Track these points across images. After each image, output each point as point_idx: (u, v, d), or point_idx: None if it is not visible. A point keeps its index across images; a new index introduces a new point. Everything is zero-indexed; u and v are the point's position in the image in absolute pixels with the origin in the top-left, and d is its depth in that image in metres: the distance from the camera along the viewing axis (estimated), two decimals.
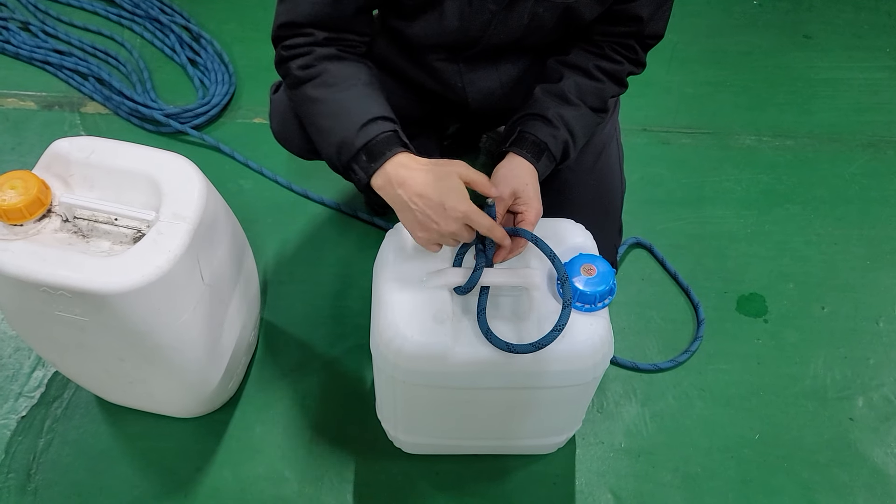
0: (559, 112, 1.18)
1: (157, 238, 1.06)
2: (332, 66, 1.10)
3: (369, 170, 1.04)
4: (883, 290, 1.65)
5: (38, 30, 2.01)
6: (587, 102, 1.21)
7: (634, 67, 1.26)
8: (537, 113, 1.19)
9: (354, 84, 1.10)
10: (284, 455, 1.38)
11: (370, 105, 1.07)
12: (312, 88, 1.10)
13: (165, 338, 1.12)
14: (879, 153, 1.89)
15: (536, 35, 1.19)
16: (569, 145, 1.20)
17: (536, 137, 1.16)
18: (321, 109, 1.09)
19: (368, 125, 1.04)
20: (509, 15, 1.13)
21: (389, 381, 1.14)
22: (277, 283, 1.60)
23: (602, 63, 1.22)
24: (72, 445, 1.37)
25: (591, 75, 1.22)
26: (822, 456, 1.42)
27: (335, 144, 1.06)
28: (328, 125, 1.08)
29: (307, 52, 1.11)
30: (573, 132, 1.20)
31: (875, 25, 2.19)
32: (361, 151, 1.04)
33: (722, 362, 1.52)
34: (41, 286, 1.02)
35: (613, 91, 1.25)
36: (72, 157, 1.13)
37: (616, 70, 1.23)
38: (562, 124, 1.18)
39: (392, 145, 1.03)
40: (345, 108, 1.07)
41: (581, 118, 1.20)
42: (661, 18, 1.21)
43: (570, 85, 1.20)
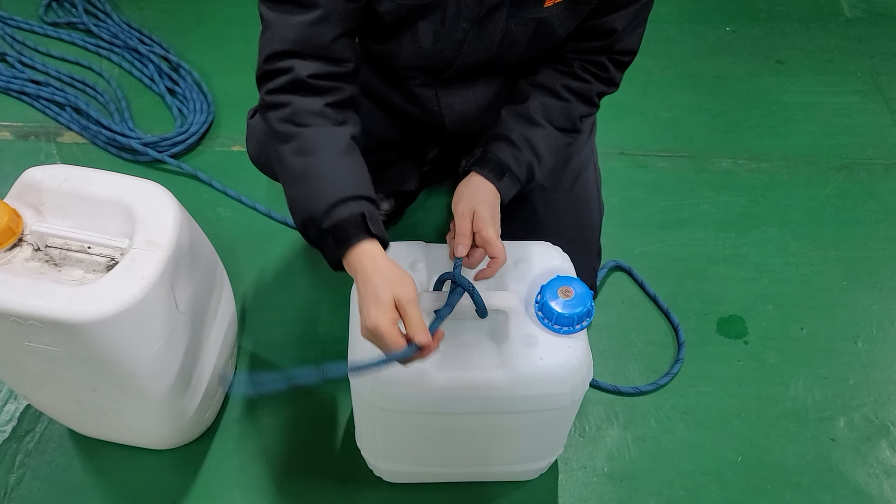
0: (523, 133, 1.18)
1: (131, 266, 1.05)
2: (309, 130, 1.03)
3: (335, 253, 1.00)
4: (860, 310, 1.66)
5: (16, 60, 2.00)
6: (554, 123, 1.21)
7: (605, 87, 1.24)
8: (501, 134, 1.19)
9: (328, 154, 1.02)
10: (263, 486, 1.36)
11: (340, 183, 1.00)
12: (288, 153, 1.03)
13: (139, 367, 1.11)
14: (853, 175, 1.92)
15: (510, 53, 1.19)
16: (533, 166, 1.19)
17: (499, 158, 1.17)
18: (291, 177, 1.03)
19: (337, 208, 0.98)
20: (482, 32, 1.13)
21: (367, 407, 1.13)
22: (255, 310, 1.58)
23: (570, 82, 1.21)
24: (44, 480, 1.34)
25: (558, 95, 1.21)
26: (805, 477, 1.41)
27: (301, 219, 1.02)
28: (297, 194, 1.03)
29: (286, 102, 1.03)
30: (538, 153, 1.19)
31: (846, 50, 2.23)
32: (327, 232, 0.99)
33: (703, 384, 1.52)
34: (10, 316, 1.00)
35: (582, 111, 1.23)
36: (44, 186, 1.12)
37: (584, 89, 1.22)
38: (526, 146, 1.18)
39: (357, 233, 0.98)
40: (315, 183, 1.01)
41: (547, 139, 1.20)
42: (635, 33, 1.20)
43: (535, 105, 1.20)
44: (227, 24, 2.17)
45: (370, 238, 0.98)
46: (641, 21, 1.19)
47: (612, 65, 1.21)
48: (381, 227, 1.01)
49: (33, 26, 2.09)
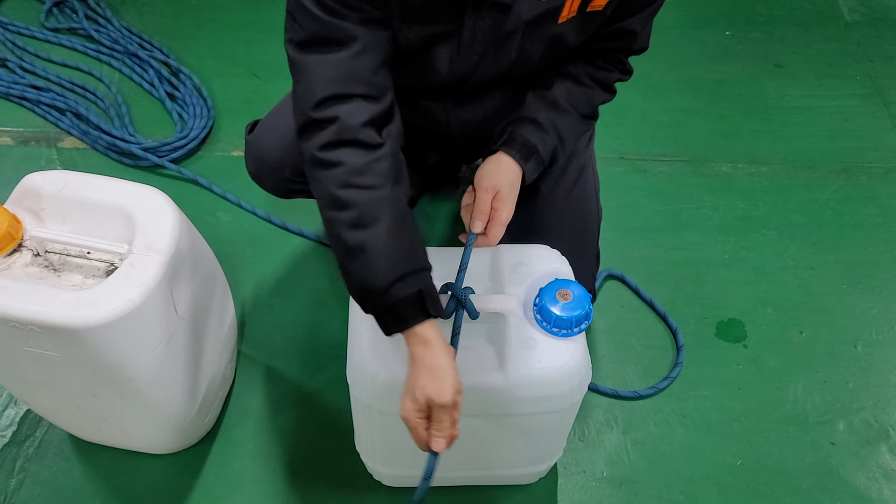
0: (549, 116, 1.21)
1: (130, 271, 1.05)
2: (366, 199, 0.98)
3: (390, 329, 1.00)
4: (860, 313, 1.66)
5: (16, 66, 2.01)
6: (577, 109, 1.23)
7: (622, 75, 1.29)
8: (529, 116, 1.21)
9: (387, 224, 0.98)
10: (263, 490, 1.36)
11: (400, 255, 0.98)
12: (343, 224, 0.98)
13: (139, 372, 1.11)
14: (852, 179, 1.92)
15: (523, 68, 1.20)
16: (557, 150, 1.22)
17: (527, 140, 1.19)
18: (347, 251, 0.99)
19: (395, 286, 0.96)
20: (498, 53, 1.13)
21: (366, 411, 1.13)
22: (255, 315, 1.58)
23: (592, 70, 1.24)
24: (44, 485, 1.34)
25: (581, 82, 1.24)
26: (805, 481, 1.41)
27: (358, 293, 1.00)
28: (354, 269, 0.99)
29: (339, 161, 0.98)
30: (563, 137, 1.22)
31: (845, 54, 2.23)
32: (387, 310, 0.98)
33: (702, 388, 1.52)
34: (10, 321, 1.00)
35: (602, 98, 1.28)
36: (43, 191, 1.13)
37: (605, 77, 1.26)
38: (552, 129, 1.20)
39: (416, 313, 0.98)
40: (374, 258, 0.97)
41: (570, 124, 1.23)
42: (647, 32, 1.25)
43: (560, 91, 1.22)
44: (227, 29, 2.18)
45: (426, 319, 0.98)
46: (651, 19, 1.23)
47: (627, 57, 1.27)
48: (436, 302, 1.00)
49: (34, 31, 2.10)
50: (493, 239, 1.16)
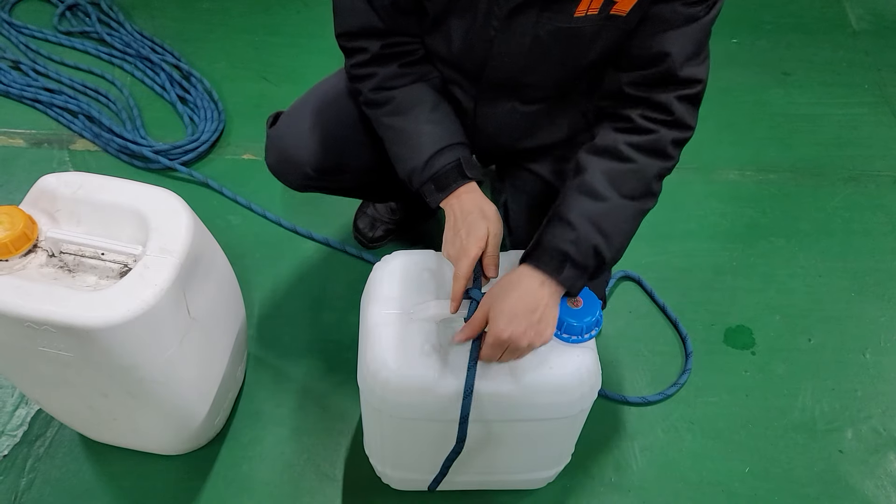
0: (584, 210, 1.04)
1: (144, 272, 1.06)
2: (399, 92, 1.15)
3: (437, 198, 1.13)
4: (868, 321, 1.66)
5: (29, 68, 2.02)
6: (622, 191, 1.05)
7: (677, 132, 1.07)
8: (558, 214, 1.06)
9: (420, 112, 1.14)
10: (272, 493, 1.36)
11: (436, 135, 1.13)
12: (384, 116, 1.17)
13: (151, 373, 1.11)
14: (860, 186, 1.92)
15: (542, 67, 1.15)
16: (600, 248, 1.04)
17: (555, 246, 1.03)
18: (393, 137, 1.17)
19: (434, 158, 1.12)
20: (511, 34, 1.10)
21: (376, 414, 1.14)
22: (265, 317, 1.59)
23: (632, 138, 1.06)
24: (54, 485, 1.35)
25: (621, 156, 1.06)
26: (813, 489, 1.41)
27: (407, 172, 1.15)
28: (400, 153, 1.16)
29: (372, 73, 1.16)
30: (605, 231, 1.04)
31: (853, 63, 2.24)
32: (429, 182, 1.12)
33: (710, 395, 1.52)
34: (25, 321, 1.01)
35: (656, 168, 1.07)
36: (59, 193, 1.13)
37: (651, 142, 1.06)
38: (587, 225, 1.03)
39: (455, 178, 1.12)
40: (413, 139, 1.14)
41: (613, 212, 1.04)
42: (697, 59, 1.05)
43: (597, 175, 1.06)
44: (238, 33, 2.19)
45: (467, 182, 1.12)
46: (702, 45, 1.06)
47: (678, 101, 1.05)
48: (475, 169, 1.14)
49: (47, 35, 2.12)
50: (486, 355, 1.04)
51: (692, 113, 1.08)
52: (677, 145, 1.09)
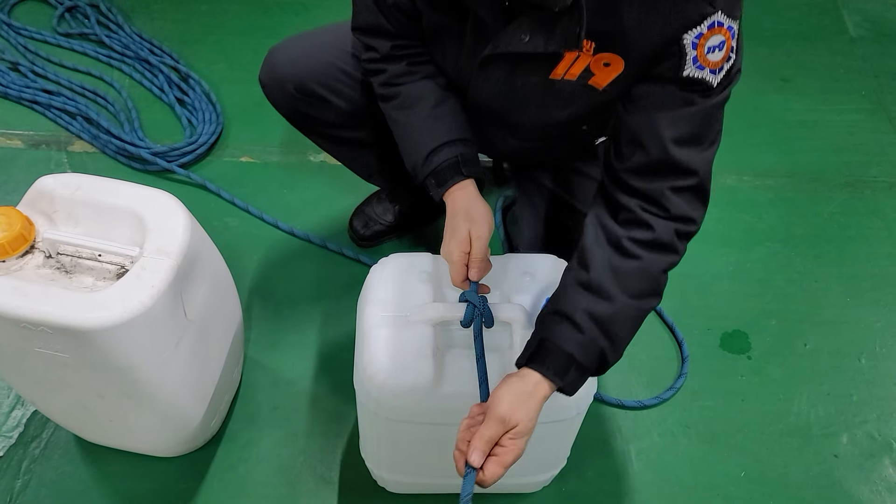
0: (590, 309, 0.97)
1: (141, 274, 1.06)
2: (405, 88, 1.19)
3: (437, 193, 1.16)
4: (864, 327, 1.66)
5: (28, 70, 2.02)
6: (629, 290, 0.98)
7: (679, 225, 1.00)
8: (563, 312, 0.98)
9: (424, 107, 1.17)
10: (267, 495, 1.36)
11: (435, 132, 1.16)
12: (391, 110, 1.21)
13: (147, 374, 1.12)
14: (857, 192, 1.93)
15: (521, 112, 1.17)
16: (606, 353, 0.98)
17: (561, 348, 0.96)
18: (398, 131, 1.21)
19: (433, 154, 1.15)
20: (488, 78, 1.12)
21: (372, 417, 1.14)
22: (262, 319, 1.59)
23: (635, 233, 0.99)
24: (50, 486, 1.35)
25: (625, 252, 0.99)
26: (808, 493, 1.41)
27: (410, 165, 1.19)
28: (404, 147, 1.21)
29: (382, 70, 1.20)
30: (612, 335, 0.97)
31: (850, 69, 2.25)
32: (430, 176, 1.16)
33: (706, 399, 1.53)
34: (21, 322, 1.01)
35: (662, 263, 1.00)
36: (56, 194, 1.14)
37: (654, 238, 0.99)
38: (594, 326, 0.96)
39: (453, 175, 1.14)
40: (416, 135, 1.18)
41: (621, 314, 0.98)
42: (695, 148, 0.97)
43: (602, 271, 0.98)
44: (236, 35, 2.20)
45: (463, 179, 1.13)
46: (701, 131, 0.98)
47: (673, 193, 0.99)
48: (473, 166, 1.16)
49: (46, 36, 2.12)
50: (489, 478, 0.92)
51: (693, 205, 1.00)
52: (683, 238, 1.01)
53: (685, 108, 0.96)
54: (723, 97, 0.98)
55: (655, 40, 0.94)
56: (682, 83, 0.95)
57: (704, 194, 1.02)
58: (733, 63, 0.97)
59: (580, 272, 1.00)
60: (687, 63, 0.94)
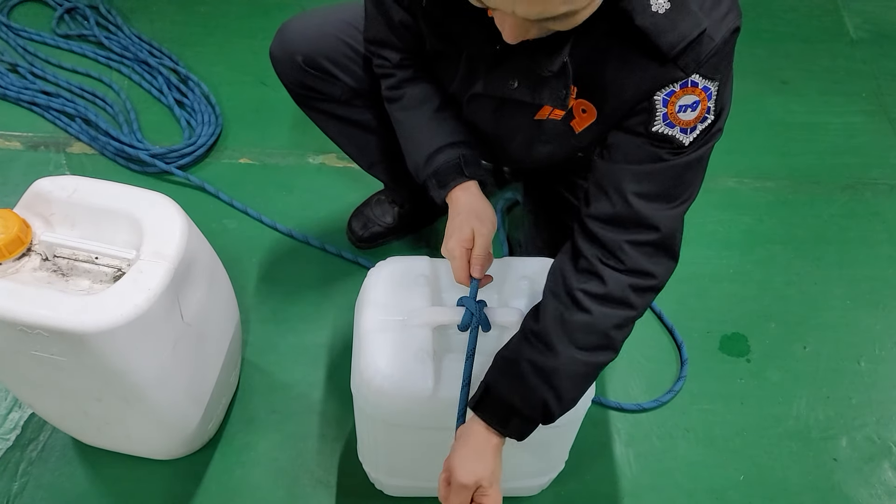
0: (534, 361, 0.97)
1: (137, 277, 1.06)
2: (410, 90, 1.19)
3: (439, 194, 1.15)
4: (863, 329, 1.66)
5: (27, 71, 2.02)
6: (578, 343, 0.97)
7: (636, 279, 0.98)
8: (509, 359, 1.00)
9: (427, 109, 1.18)
10: (264, 498, 1.36)
11: (438, 133, 1.16)
12: (396, 111, 1.22)
13: (144, 378, 1.11)
14: (857, 195, 1.92)
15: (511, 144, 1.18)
16: (549, 404, 0.97)
17: (500, 396, 0.98)
18: (401, 131, 1.22)
19: (435, 155, 1.15)
20: (478, 110, 1.14)
21: (370, 420, 1.14)
22: (260, 321, 1.59)
23: (588, 286, 0.98)
24: (47, 489, 1.35)
25: (577, 304, 0.97)
26: (807, 497, 1.41)
27: (412, 165, 1.20)
28: (407, 148, 1.21)
29: (391, 75, 1.21)
30: (555, 387, 0.97)
31: (851, 72, 2.24)
32: (431, 177, 1.16)
33: (705, 402, 1.52)
34: (18, 325, 1.01)
35: (614, 319, 0.98)
36: (53, 196, 1.13)
37: (607, 293, 0.97)
38: (537, 378, 0.97)
39: (455, 176, 1.14)
40: (418, 135, 1.18)
41: (564, 367, 0.97)
42: (659, 201, 0.96)
43: (551, 322, 0.98)
44: (236, 37, 2.19)
45: (466, 180, 1.13)
46: (669, 190, 0.97)
47: (630, 245, 0.97)
48: (475, 168, 1.16)
49: (45, 38, 2.11)
50: None
51: (653, 259, 0.98)
52: (640, 292, 0.99)
53: (653, 163, 0.96)
54: (696, 156, 0.97)
55: (629, 95, 0.95)
56: (652, 138, 0.95)
57: (668, 250, 1.00)
58: (712, 123, 0.95)
59: (531, 321, 1.01)
60: (657, 119, 0.94)
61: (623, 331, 1.00)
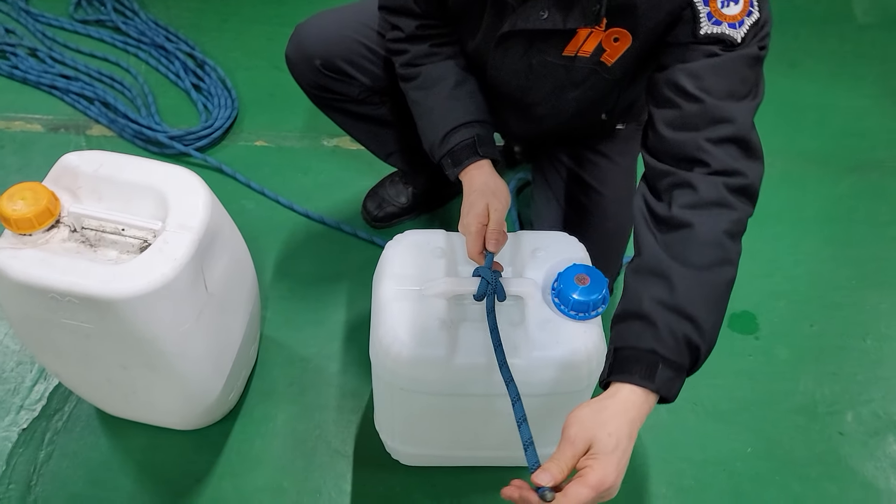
0: (654, 296, 0.88)
1: (163, 247, 1.09)
2: (426, 68, 1.22)
3: (453, 172, 1.19)
4: (869, 308, 1.68)
5: (46, 55, 2.06)
6: (689, 263, 0.89)
7: (725, 178, 0.93)
8: (628, 311, 0.90)
9: (443, 88, 1.21)
10: (283, 467, 1.39)
11: (453, 113, 1.19)
12: (412, 90, 1.24)
13: (169, 345, 1.15)
14: (864, 176, 1.94)
15: (537, 93, 1.21)
16: (692, 338, 0.87)
17: (636, 348, 0.87)
18: (417, 111, 1.25)
19: (450, 135, 1.19)
20: (505, 57, 1.16)
21: (388, 388, 1.17)
22: (278, 299, 1.62)
23: (679, 198, 0.93)
24: (72, 457, 1.39)
25: (676, 223, 0.92)
26: (813, 470, 1.44)
27: (428, 144, 1.23)
28: (423, 126, 1.24)
29: (404, 50, 1.23)
30: (692, 315, 0.87)
31: (859, 55, 2.26)
32: (447, 156, 1.19)
33: (715, 378, 1.55)
34: (49, 292, 1.04)
35: (719, 224, 0.91)
36: (80, 170, 1.17)
37: (697, 199, 0.91)
38: (665, 313, 0.87)
39: (469, 155, 1.18)
40: (434, 115, 1.21)
41: (692, 292, 0.87)
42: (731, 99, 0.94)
43: (654, 249, 0.91)
44: (250, 23, 2.23)
45: (480, 159, 1.17)
46: (733, 85, 0.95)
47: (710, 143, 0.93)
48: (489, 147, 1.19)
49: (63, 23, 2.15)
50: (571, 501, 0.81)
51: (734, 154, 0.93)
52: (734, 193, 0.93)
53: (710, 59, 0.94)
54: (752, 51, 0.94)
55: (666, 9, 0.96)
56: (702, 42, 0.94)
57: (749, 147, 0.94)
58: (758, 19, 0.94)
59: (634, 261, 0.94)
60: (702, 21, 0.93)
61: (735, 240, 0.92)
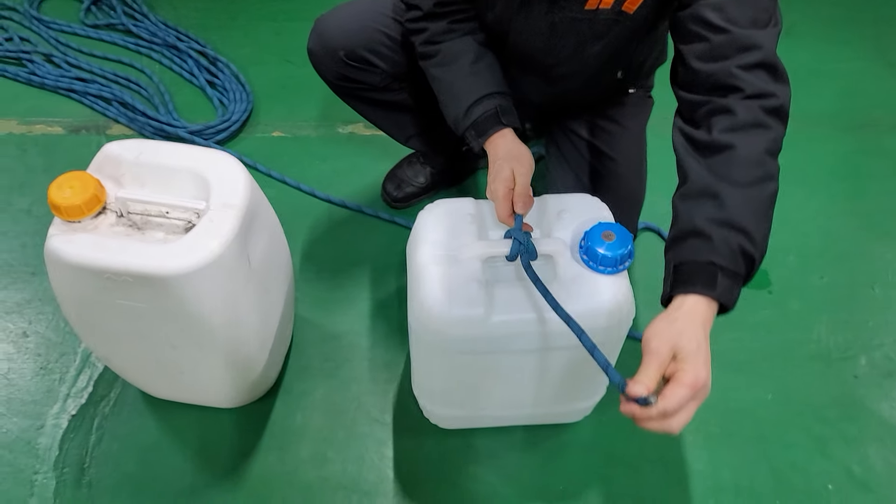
0: (707, 215, 0.94)
1: (209, 225, 1.14)
2: (445, 45, 1.27)
3: (478, 143, 1.25)
4: (876, 258, 1.75)
5: (62, 61, 2.11)
6: (735, 182, 0.95)
7: (761, 101, 0.98)
8: (685, 230, 0.96)
9: (463, 63, 1.26)
10: (326, 438, 1.45)
11: (474, 86, 1.25)
12: (432, 67, 1.29)
13: (218, 320, 1.20)
14: (864, 134, 2.01)
15: (560, 52, 1.26)
16: (746, 248, 0.93)
17: (695, 261, 0.94)
18: (439, 87, 1.30)
19: (473, 107, 1.24)
20: (528, 17, 1.22)
21: (428, 350, 1.22)
22: (307, 281, 1.68)
23: (720, 122, 0.98)
24: (121, 440, 1.44)
25: (718, 146, 0.97)
26: (832, 412, 1.50)
27: (451, 119, 1.28)
28: (445, 102, 1.29)
29: (423, 29, 1.28)
30: (744, 227, 0.93)
31: (854, 20, 2.33)
32: (470, 128, 1.25)
33: (733, 331, 1.61)
34: (105, 273, 1.09)
35: (759, 143, 0.96)
36: (122, 158, 1.22)
37: (735, 121, 0.97)
38: (718, 228, 0.93)
39: (493, 125, 1.23)
40: (456, 89, 1.26)
41: (739, 207, 0.94)
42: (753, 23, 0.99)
43: (700, 172, 0.97)
44: (258, 20, 2.28)
45: (503, 128, 1.23)
46: (755, 13, 1.00)
47: (741, 70, 0.98)
48: (511, 116, 1.25)
49: (75, 28, 2.20)
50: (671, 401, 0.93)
51: (765, 78, 0.98)
52: (769, 114, 0.98)
53: None
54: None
55: None
56: None
57: (775, 70, 1.00)
58: None
59: (681, 188, 1.00)
60: None
61: (774, 158, 0.97)
